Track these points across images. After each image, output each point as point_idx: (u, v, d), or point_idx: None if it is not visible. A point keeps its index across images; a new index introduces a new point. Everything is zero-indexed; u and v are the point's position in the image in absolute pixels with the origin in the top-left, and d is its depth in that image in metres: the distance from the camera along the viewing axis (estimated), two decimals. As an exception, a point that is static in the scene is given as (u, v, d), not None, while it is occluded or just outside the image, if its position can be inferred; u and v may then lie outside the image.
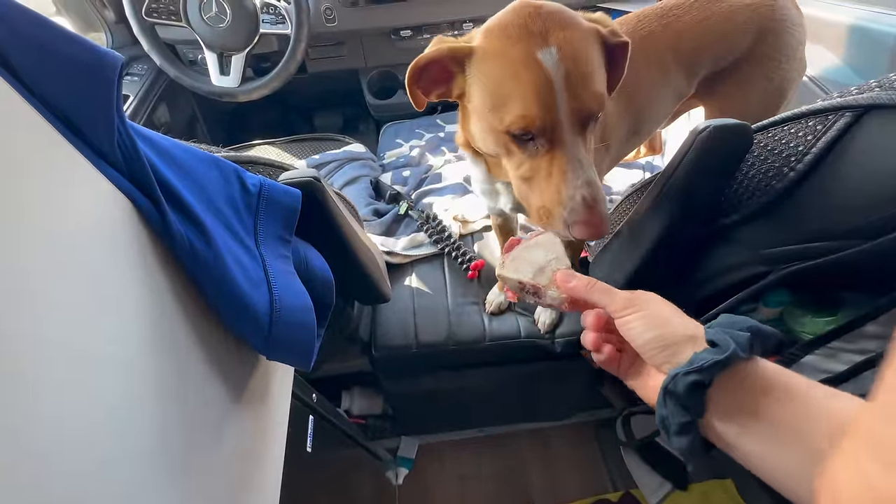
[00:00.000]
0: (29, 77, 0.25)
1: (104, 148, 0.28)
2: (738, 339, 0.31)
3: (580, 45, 0.44)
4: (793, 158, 0.42)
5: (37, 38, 0.25)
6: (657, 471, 1.13)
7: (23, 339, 0.20)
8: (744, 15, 0.72)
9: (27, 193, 0.22)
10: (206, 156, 0.37)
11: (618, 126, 0.70)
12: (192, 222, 0.32)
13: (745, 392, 0.30)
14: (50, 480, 0.20)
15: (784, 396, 0.29)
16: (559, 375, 0.98)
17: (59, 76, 0.26)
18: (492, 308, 0.88)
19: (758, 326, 0.32)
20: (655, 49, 0.71)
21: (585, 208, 0.43)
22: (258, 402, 0.44)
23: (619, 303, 0.35)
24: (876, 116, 0.36)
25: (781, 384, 0.30)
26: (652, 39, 0.70)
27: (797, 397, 0.29)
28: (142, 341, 0.28)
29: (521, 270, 0.42)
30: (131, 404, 0.27)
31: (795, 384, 0.30)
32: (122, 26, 1.21)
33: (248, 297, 0.34)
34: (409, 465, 1.19)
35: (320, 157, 1.14)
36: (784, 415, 0.29)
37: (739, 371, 0.31)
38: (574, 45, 0.43)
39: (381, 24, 1.23)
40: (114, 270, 0.27)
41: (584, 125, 0.45)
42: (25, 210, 0.21)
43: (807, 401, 0.29)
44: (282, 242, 0.41)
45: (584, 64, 0.44)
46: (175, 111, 1.33)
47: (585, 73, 0.44)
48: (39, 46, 0.25)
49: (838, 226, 0.41)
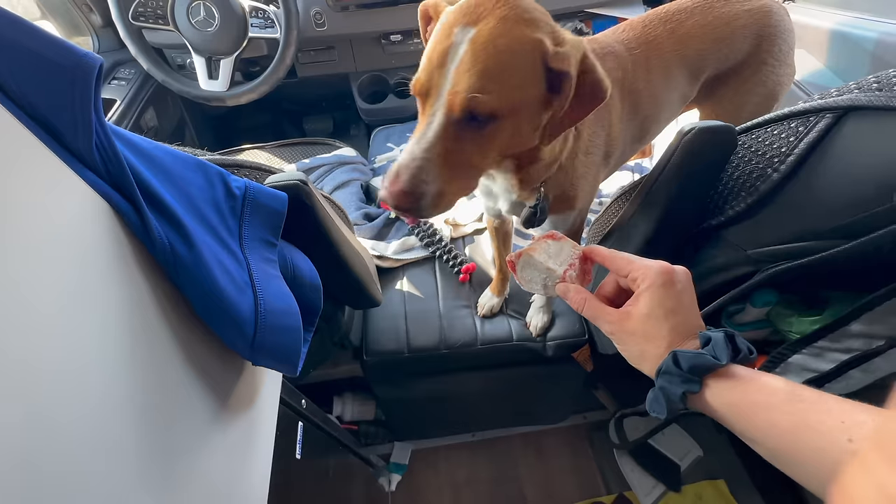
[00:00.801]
0: (4, 79, 0.24)
1: (82, 150, 0.27)
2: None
3: (501, 42, 0.41)
4: (776, 160, 0.42)
5: (13, 40, 0.24)
6: (650, 473, 1.13)
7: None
8: (743, 20, 0.73)
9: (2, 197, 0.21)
10: (190, 159, 0.36)
11: (623, 132, 0.69)
12: (173, 225, 0.31)
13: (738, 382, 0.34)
14: (24, 492, 0.20)
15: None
16: (551, 378, 0.98)
17: (36, 79, 0.25)
18: (484, 311, 0.88)
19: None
20: (661, 54, 0.71)
21: (390, 175, 0.44)
22: (244, 410, 0.43)
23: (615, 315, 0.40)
24: (855, 117, 0.37)
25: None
26: (658, 44, 0.70)
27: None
28: (120, 348, 0.28)
29: (533, 282, 0.45)
30: (109, 414, 0.26)
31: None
32: (109, 30, 1.19)
33: (231, 302, 0.34)
34: (402, 471, 1.17)
35: (311, 161, 1.13)
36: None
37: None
38: (495, 40, 0.41)
39: (371, 28, 1.24)
40: (91, 275, 0.26)
41: (463, 115, 0.43)
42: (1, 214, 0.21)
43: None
44: (267, 246, 0.40)
45: (491, 59, 0.41)
46: (163, 115, 1.32)
47: (483, 67, 0.41)
48: (16, 48, 0.25)
49: (822, 225, 0.42)
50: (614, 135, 0.66)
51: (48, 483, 0.21)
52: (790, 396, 0.31)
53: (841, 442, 0.27)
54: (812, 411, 0.29)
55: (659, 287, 0.37)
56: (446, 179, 0.45)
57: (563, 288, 0.43)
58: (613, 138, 0.66)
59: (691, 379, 0.34)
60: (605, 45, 0.67)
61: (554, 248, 0.45)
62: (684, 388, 0.34)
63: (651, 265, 0.38)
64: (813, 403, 0.30)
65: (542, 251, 0.45)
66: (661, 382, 0.36)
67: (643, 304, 0.37)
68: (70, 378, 0.24)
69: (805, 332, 0.51)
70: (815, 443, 0.28)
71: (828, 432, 0.28)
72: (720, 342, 0.35)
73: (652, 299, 0.37)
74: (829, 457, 0.27)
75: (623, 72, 0.66)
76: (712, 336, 0.35)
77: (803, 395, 0.30)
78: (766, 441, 0.31)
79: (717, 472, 1.13)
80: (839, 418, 0.28)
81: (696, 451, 1.14)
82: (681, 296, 0.38)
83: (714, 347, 0.35)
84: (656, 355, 0.37)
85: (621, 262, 0.40)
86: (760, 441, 0.32)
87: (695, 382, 0.34)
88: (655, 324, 0.37)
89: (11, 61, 0.25)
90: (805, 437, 0.29)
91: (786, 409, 0.30)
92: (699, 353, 0.34)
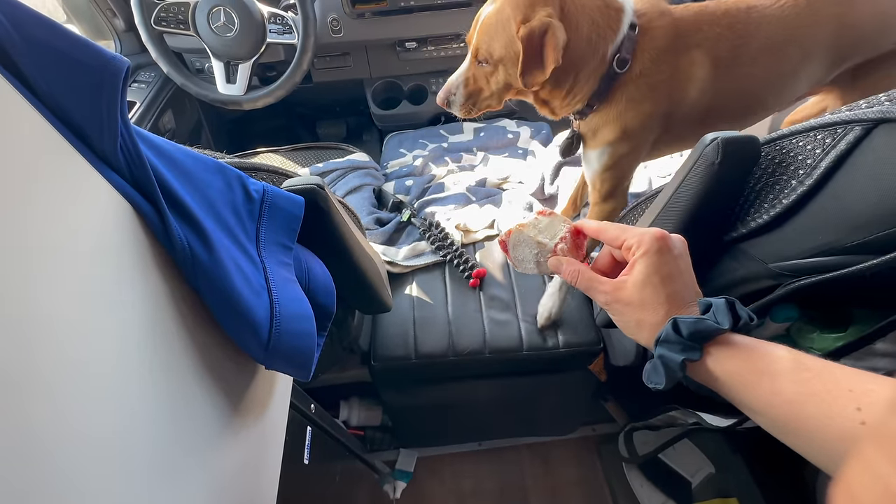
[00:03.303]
0: (33, 79, 0.25)
1: (107, 151, 0.28)
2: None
3: (493, 17, 0.67)
4: (801, 171, 0.41)
5: (42, 40, 0.25)
6: (660, 488, 1.10)
7: (16, 346, 0.19)
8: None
9: (28, 197, 0.21)
10: (210, 161, 0.36)
11: (702, 101, 0.70)
12: (193, 227, 0.31)
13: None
14: (40, 493, 0.20)
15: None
16: (561, 389, 0.97)
17: (63, 79, 0.26)
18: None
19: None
20: (807, 37, 0.68)
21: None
22: (256, 413, 0.43)
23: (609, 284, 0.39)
24: (886, 130, 0.36)
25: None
26: (799, 20, 0.68)
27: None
28: (139, 351, 0.28)
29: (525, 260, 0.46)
30: (126, 414, 0.26)
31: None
32: (131, 34, 1.22)
33: (248, 305, 0.34)
34: (408, 479, 1.16)
35: (324, 165, 1.14)
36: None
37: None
38: (491, 16, 0.68)
39: (386, 35, 1.25)
40: (111, 276, 0.27)
41: (475, 59, 0.72)
42: (27, 215, 0.21)
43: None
44: (283, 249, 0.40)
45: (487, 27, 0.68)
46: (181, 118, 1.34)
47: (482, 31, 0.69)
48: (45, 49, 0.25)
49: (848, 240, 0.40)
50: (682, 98, 0.71)
51: (57, 485, 0.21)
52: (795, 365, 0.30)
53: (849, 410, 0.26)
54: (818, 380, 0.28)
55: (655, 253, 0.36)
56: (467, 94, 0.75)
57: (556, 261, 0.43)
58: (679, 100, 0.71)
59: (692, 346, 0.33)
60: (705, 21, 0.68)
61: (544, 223, 0.45)
62: (684, 355, 0.33)
63: (645, 232, 0.37)
64: (819, 372, 0.29)
65: (532, 226, 0.46)
66: (661, 351, 0.35)
67: (638, 272, 0.36)
68: (88, 381, 0.24)
69: (828, 349, 0.50)
70: (821, 412, 0.27)
71: (835, 401, 0.27)
72: (721, 307, 0.34)
73: (648, 266, 0.36)
74: (836, 426, 0.26)
75: (726, 47, 0.68)
76: (713, 302, 0.34)
77: (808, 363, 0.29)
78: (768, 411, 0.30)
79: (730, 491, 1.10)
80: (847, 387, 0.27)
81: (708, 468, 1.11)
82: (677, 261, 0.37)
83: (715, 313, 0.34)
84: (654, 324, 0.36)
85: (614, 232, 0.39)
86: (762, 411, 0.31)
87: (695, 349, 0.33)
88: (652, 291, 0.36)
89: (42, 62, 0.25)
90: (811, 406, 0.28)
91: (791, 378, 0.29)
92: (700, 319, 0.33)
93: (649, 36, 0.68)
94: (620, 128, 0.72)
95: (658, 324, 0.35)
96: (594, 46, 0.67)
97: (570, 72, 0.68)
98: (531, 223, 0.46)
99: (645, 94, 0.70)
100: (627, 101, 0.70)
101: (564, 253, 0.44)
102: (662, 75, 0.69)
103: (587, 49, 0.67)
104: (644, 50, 0.68)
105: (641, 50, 0.68)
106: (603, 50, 0.67)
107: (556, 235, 0.44)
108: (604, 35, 0.67)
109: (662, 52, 0.68)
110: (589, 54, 0.67)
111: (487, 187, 1.12)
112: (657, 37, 0.68)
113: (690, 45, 0.68)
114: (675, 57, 0.69)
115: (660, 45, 0.68)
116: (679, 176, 0.49)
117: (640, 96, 0.70)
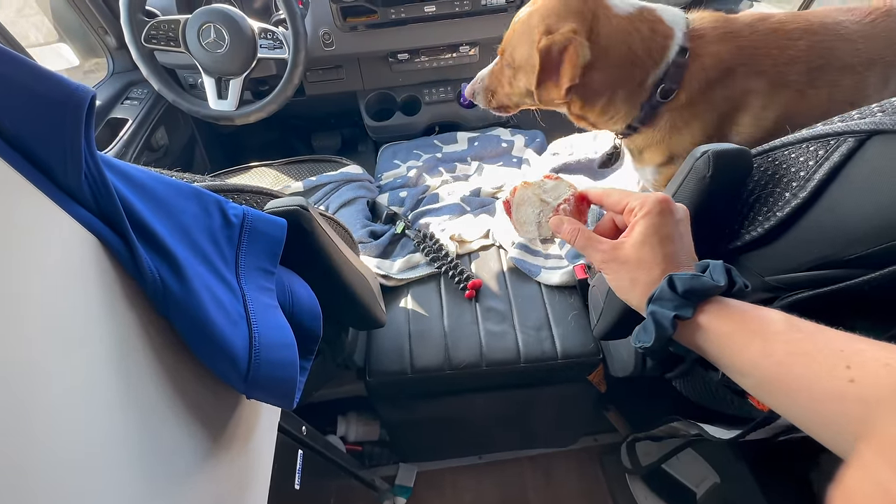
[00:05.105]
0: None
1: (72, 185, 0.27)
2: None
3: (519, 26, 0.69)
4: (794, 184, 0.40)
5: (5, 75, 0.24)
6: (664, 499, 1.08)
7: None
8: None
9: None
10: (185, 187, 0.35)
11: (759, 127, 0.62)
12: (163, 256, 0.30)
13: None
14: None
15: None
16: (561, 400, 0.95)
17: (26, 114, 0.25)
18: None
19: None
20: (887, 50, 0.58)
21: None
22: (239, 443, 0.42)
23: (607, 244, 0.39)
24: (879, 142, 0.35)
25: None
26: (890, 38, 0.58)
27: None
28: (106, 386, 0.27)
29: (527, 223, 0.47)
30: (95, 453, 0.25)
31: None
32: (124, 52, 1.22)
33: (223, 335, 0.33)
34: (408, 494, 1.14)
35: (317, 178, 1.13)
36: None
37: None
38: (518, 24, 0.70)
39: (378, 47, 1.25)
40: (79, 312, 0.26)
41: (502, 61, 0.75)
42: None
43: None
44: (264, 275, 0.39)
45: (513, 34, 0.71)
46: (174, 134, 1.34)
47: (509, 37, 0.72)
48: (7, 84, 0.24)
49: (845, 253, 0.39)
50: (733, 129, 0.64)
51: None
52: (788, 327, 0.29)
53: (839, 369, 0.25)
54: (809, 340, 0.28)
55: (656, 214, 0.36)
56: (490, 92, 0.80)
57: (557, 220, 0.44)
58: (729, 132, 0.64)
59: (685, 303, 0.33)
60: (759, 39, 0.60)
61: (550, 185, 0.46)
62: (677, 312, 0.33)
63: (649, 194, 0.37)
64: (811, 334, 0.28)
65: (538, 186, 0.46)
66: (653, 308, 0.34)
67: (638, 232, 0.36)
68: (55, 419, 0.23)
69: (829, 363, 0.49)
70: (810, 371, 0.27)
71: (825, 360, 0.26)
72: (718, 268, 0.34)
73: (648, 226, 0.36)
74: (823, 385, 0.26)
75: (799, 70, 0.59)
76: (710, 263, 0.35)
77: (801, 325, 0.29)
78: (754, 372, 0.30)
79: (736, 501, 1.08)
80: (838, 346, 0.26)
81: (713, 478, 1.09)
82: (678, 225, 0.37)
83: (712, 273, 0.33)
84: (648, 282, 0.36)
85: (618, 196, 0.40)
86: (748, 372, 0.30)
87: (688, 307, 0.33)
88: (650, 250, 0.36)
89: (4, 99, 0.24)
90: (799, 366, 0.27)
91: (782, 339, 0.29)
92: (696, 276, 0.33)
93: (700, 64, 0.61)
94: (666, 153, 0.69)
95: (652, 283, 0.35)
96: (628, 73, 0.63)
97: (600, 93, 0.65)
98: (537, 183, 0.47)
99: (690, 123, 0.64)
100: (672, 129, 0.66)
101: (567, 214, 0.44)
102: (711, 105, 0.62)
103: (619, 74, 0.63)
104: (693, 79, 0.61)
105: (690, 78, 0.61)
106: (640, 78, 0.63)
107: (559, 197, 0.46)
108: (642, 64, 0.62)
109: (714, 82, 0.61)
110: (622, 80, 0.64)
111: (482, 197, 1.11)
112: (710, 66, 0.61)
113: (750, 74, 0.60)
114: (730, 87, 0.61)
115: (712, 76, 0.61)
116: (670, 189, 0.48)
117: (685, 125, 0.65)
